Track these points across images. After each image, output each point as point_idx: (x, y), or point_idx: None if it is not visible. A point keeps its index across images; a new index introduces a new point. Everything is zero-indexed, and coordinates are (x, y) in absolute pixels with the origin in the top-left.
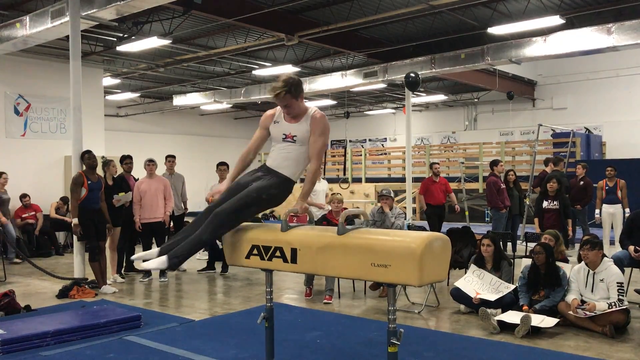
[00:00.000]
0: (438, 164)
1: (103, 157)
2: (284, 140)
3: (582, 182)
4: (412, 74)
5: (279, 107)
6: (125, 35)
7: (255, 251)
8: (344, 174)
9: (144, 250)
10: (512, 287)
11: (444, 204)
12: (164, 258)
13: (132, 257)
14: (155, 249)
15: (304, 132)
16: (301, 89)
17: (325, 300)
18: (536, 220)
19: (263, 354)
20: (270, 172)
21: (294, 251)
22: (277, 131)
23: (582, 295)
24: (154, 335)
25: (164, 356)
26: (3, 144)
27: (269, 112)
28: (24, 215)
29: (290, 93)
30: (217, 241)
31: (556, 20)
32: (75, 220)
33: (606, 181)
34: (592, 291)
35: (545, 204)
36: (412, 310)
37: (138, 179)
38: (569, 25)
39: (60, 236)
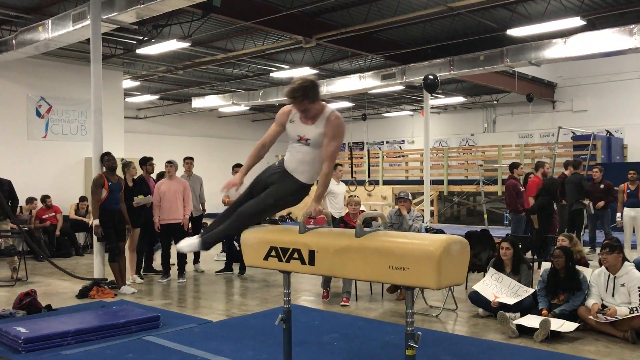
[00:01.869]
0: (548, 163)
1: (123, 159)
2: (298, 141)
3: (602, 185)
4: (430, 76)
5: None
6: (145, 38)
7: (273, 253)
8: (369, 176)
9: (162, 251)
10: (532, 290)
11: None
12: (196, 241)
13: (177, 246)
14: (195, 237)
15: (317, 135)
16: (317, 91)
17: (342, 303)
18: (534, 217)
19: (280, 356)
20: (286, 175)
21: (311, 253)
22: (292, 131)
23: (602, 300)
24: (172, 336)
25: (182, 356)
26: (25, 145)
27: (286, 108)
28: (44, 217)
29: (307, 98)
30: (235, 242)
31: (577, 21)
32: (96, 222)
33: (628, 184)
34: (612, 296)
35: (556, 206)
36: (430, 313)
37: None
38: (590, 26)
39: (80, 237)
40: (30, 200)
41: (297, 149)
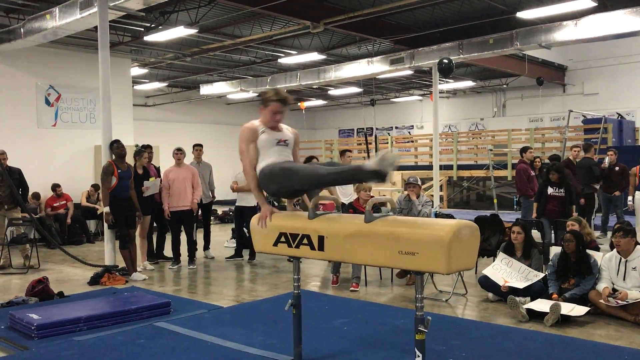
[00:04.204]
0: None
1: (137, 145)
2: (278, 144)
3: (617, 168)
4: (445, 60)
5: (256, 121)
6: (152, 25)
7: (283, 238)
8: None
9: (172, 238)
10: (542, 275)
11: None
12: None
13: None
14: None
15: (291, 137)
16: None
17: (351, 288)
18: (535, 205)
19: (290, 341)
20: None
21: (321, 239)
22: (270, 137)
23: (613, 284)
24: (183, 322)
25: (193, 342)
26: (35, 134)
27: (250, 127)
28: (55, 205)
29: None
30: (245, 229)
31: (588, 2)
32: (106, 209)
33: None
34: (624, 279)
35: (550, 190)
36: (440, 298)
37: (159, 167)
38: (601, 8)
39: (91, 224)
40: (36, 195)
41: (280, 150)
